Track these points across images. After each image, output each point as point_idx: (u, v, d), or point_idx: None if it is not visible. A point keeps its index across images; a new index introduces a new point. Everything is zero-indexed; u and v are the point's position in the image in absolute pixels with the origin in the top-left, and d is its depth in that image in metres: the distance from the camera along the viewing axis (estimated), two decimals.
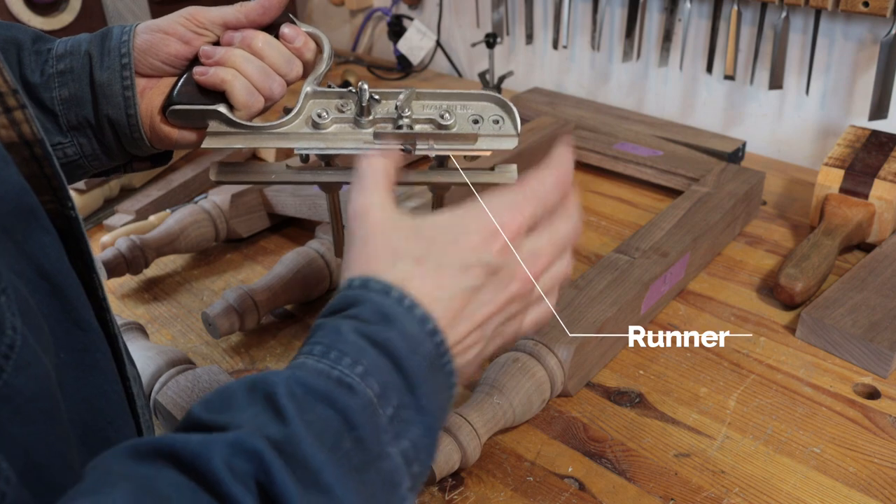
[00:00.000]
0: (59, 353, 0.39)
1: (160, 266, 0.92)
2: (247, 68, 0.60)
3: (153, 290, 0.89)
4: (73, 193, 0.97)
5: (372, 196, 0.43)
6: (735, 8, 1.08)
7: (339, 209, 0.65)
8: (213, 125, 0.61)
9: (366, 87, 0.58)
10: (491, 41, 1.25)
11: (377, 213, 0.43)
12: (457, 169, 0.61)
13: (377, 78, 1.54)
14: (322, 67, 0.63)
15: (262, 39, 0.61)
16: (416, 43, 1.53)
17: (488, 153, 0.59)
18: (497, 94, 0.60)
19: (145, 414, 0.49)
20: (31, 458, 0.33)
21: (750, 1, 1.09)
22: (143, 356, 0.70)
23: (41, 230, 0.39)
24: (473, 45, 1.34)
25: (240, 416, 0.33)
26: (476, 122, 0.60)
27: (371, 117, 0.59)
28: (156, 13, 1.49)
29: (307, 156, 0.62)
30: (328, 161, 0.62)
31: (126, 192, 1.06)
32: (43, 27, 1.38)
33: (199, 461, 0.31)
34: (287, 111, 0.61)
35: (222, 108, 0.60)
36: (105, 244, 0.90)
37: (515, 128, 0.60)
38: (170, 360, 0.69)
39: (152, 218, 0.96)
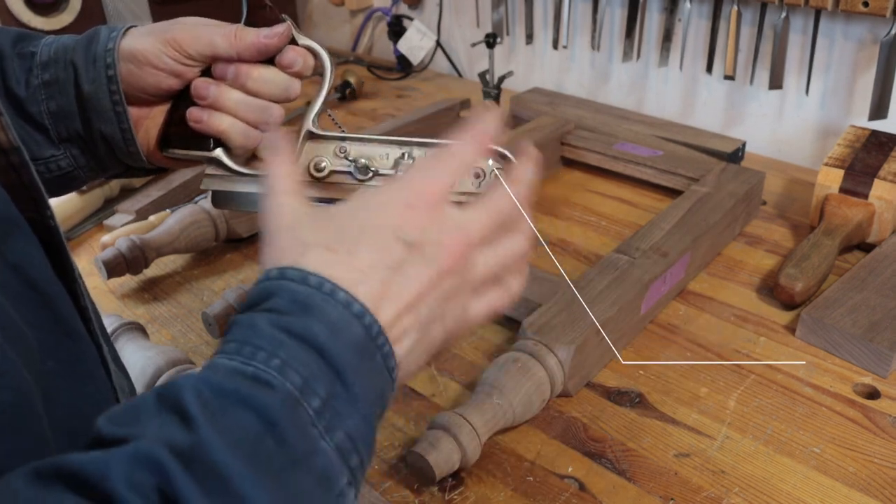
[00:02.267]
0: (46, 361, 0.38)
1: (160, 266, 0.92)
2: (242, 111, 0.58)
3: (153, 290, 0.89)
4: (72, 193, 0.98)
5: (277, 197, 0.41)
6: (735, 8, 1.08)
7: None
8: (211, 168, 0.60)
9: (346, 146, 0.57)
10: (491, 41, 1.25)
11: (283, 211, 0.40)
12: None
13: (377, 78, 1.54)
14: (322, 94, 0.60)
15: (255, 77, 0.58)
16: (416, 43, 1.53)
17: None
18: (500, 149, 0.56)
19: None
20: (3, 469, 0.31)
21: (750, 1, 1.09)
22: (143, 356, 0.70)
23: (24, 240, 0.39)
24: (473, 45, 1.34)
25: (145, 426, 0.31)
26: (478, 175, 0.56)
27: (370, 175, 0.57)
28: (156, 13, 1.49)
29: None
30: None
31: (126, 192, 1.06)
32: (43, 27, 1.38)
33: (96, 479, 0.28)
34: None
35: (220, 154, 0.59)
36: (105, 244, 0.90)
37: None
38: (170, 360, 0.69)
39: (152, 218, 0.96)
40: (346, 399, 0.34)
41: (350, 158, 0.58)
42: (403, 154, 0.57)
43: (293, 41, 0.60)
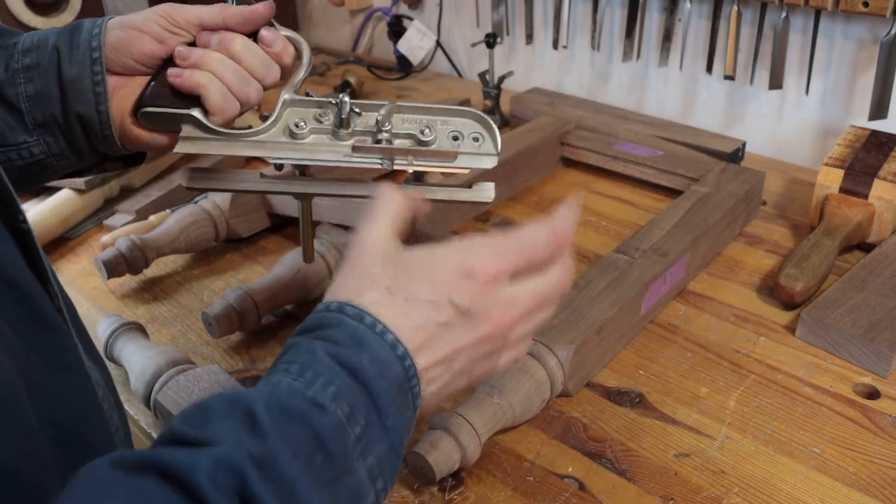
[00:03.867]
0: (28, 356, 0.40)
1: (160, 266, 0.92)
2: (223, 72, 0.58)
3: (153, 290, 0.89)
4: (72, 193, 0.98)
5: (373, 226, 0.46)
6: (735, 8, 1.08)
7: (310, 217, 0.65)
8: (187, 129, 0.59)
9: (346, 99, 0.57)
10: (491, 41, 1.25)
11: (369, 241, 0.45)
12: (433, 184, 0.60)
13: (377, 78, 1.54)
14: (301, 74, 0.62)
15: (240, 43, 0.59)
16: (416, 43, 1.53)
17: (467, 171, 0.58)
18: (478, 112, 0.59)
19: (114, 418, 0.49)
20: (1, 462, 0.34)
21: (750, 1, 1.09)
22: (143, 356, 0.70)
23: None
24: (473, 45, 1.34)
25: (219, 431, 0.35)
26: (456, 138, 0.59)
27: (350, 130, 0.58)
28: None
29: (282, 165, 0.61)
30: (302, 171, 0.60)
31: (126, 192, 1.06)
32: (43, 27, 1.37)
33: (185, 475, 0.32)
34: (264, 118, 0.59)
35: (197, 113, 0.58)
36: (105, 244, 0.90)
37: (495, 146, 0.59)
38: (170, 360, 0.69)
39: (152, 218, 0.96)
40: (380, 429, 0.39)
41: (329, 120, 0.59)
42: (378, 116, 0.58)
43: (274, 28, 0.62)
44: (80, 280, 0.91)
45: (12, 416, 0.36)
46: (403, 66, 1.55)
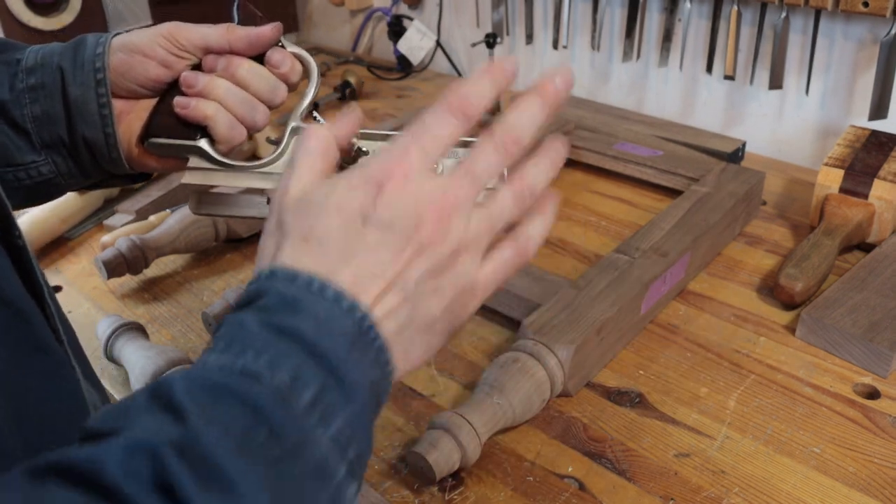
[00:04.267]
0: (21, 380, 0.38)
1: (160, 266, 0.92)
2: (230, 101, 0.58)
3: (153, 290, 0.89)
4: (72, 193, 0.98)
5: (293, 180, 0.40)
6: (735, 8, 1.08)
7: None
8: (194, 161, 0.58)
9: (354, 140, 0.55)
10: (491, 41, 1.26)
11: (282, 195, 0.40)
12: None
13: (377, 78, 1.54)
14: (308, 97, 0.61)
15: (246, 68, 0.58)
16: (416, 43, 1.53)
17: None
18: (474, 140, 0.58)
19: None
20: None
21: (750, 1, 1.09)
22: (143, 356, 0.70)
23: None
24: (473, 45, 1.34)
25: (136, 421, 0.31)
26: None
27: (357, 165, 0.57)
28: (156, 13, 1.49)
29: None
30: None
31: (126, 192, 1.06)
32: (43, 27, 1.38)
33: (91, 471, 0.28)
34: (271, 142, 0.59)
35: (204, 144, 0.58)
36: (105, 244, 0.90)
37: None
38: (170, 360, 0.69)
39: (152, 218, 0.96)
40: (340, 392, 0.34)
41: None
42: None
43: (282, 48, 0.60)
44: (80, 280, 0.91)
45: None
46: (403, 66, 1.55)
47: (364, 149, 0.56)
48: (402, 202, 0.38)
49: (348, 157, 0.56)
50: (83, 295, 0.88)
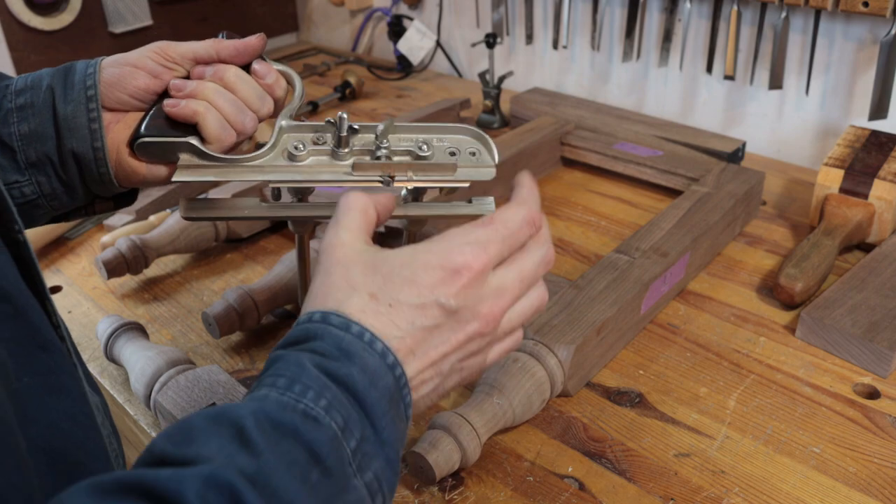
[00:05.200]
0: (21, 377, 0.38)
1: (160, 266, 0.92)
2: (219, 101, 0.59)
3: (153, 290, 0.89)
4: None
5: (342, 232, 0.44)
6: (735, 8, 1.08)
7: (308, 256, 0.65)
8: (185, 158, 0.58)
9: (345, 116, 0.57)
10: (491, 41, 1.26)
11: (342, 248, 0.43)
12: (432, 202, 0.59)
13: (377, 78, 1.54)
14: (295, 104, 0.62)
15: (233, 73, 0.60)
16: (416, 43, 1.53)
17: (467, 184, 0.58)
18: (473, 128, 0.60)
19: (112, 443, 0.47)
20: None
21: (750, 1, 1.09)
22: (143, 356, 0.70)
23: None
24: (473, 45, 1.34)
25: (206, 448, 0.33)
26: (453, 154, 0.59)
27: (349, 149, 0.58)
28: (156, 13, 1.49)
29: (279, 193, 0.61)
30: (301, 197, 0.60)
31: None
32: (43, 27, 1.38)
33: (171, 495, 0.30)
34: (260, 146, 0.59)
35: (194, 140, 0.58)
36: (105, 244, 0.90)
37: (493, 158, 0.59)
38: (170, 360, 0.69)
39: (152, 218, 0.96)
40: (376, 442, 0.38)
41: (327, 141, 0.59)
42: (376, 133, 0.58)
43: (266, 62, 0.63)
44: (80, 280, 0.91)
45: (3, 441, 0.34)
46: (403, 66, 1.55)
47: (355, 127, 0.58)
48: (472, 295, 0.42)
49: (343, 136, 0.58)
50: (83, 295, 0.88)
